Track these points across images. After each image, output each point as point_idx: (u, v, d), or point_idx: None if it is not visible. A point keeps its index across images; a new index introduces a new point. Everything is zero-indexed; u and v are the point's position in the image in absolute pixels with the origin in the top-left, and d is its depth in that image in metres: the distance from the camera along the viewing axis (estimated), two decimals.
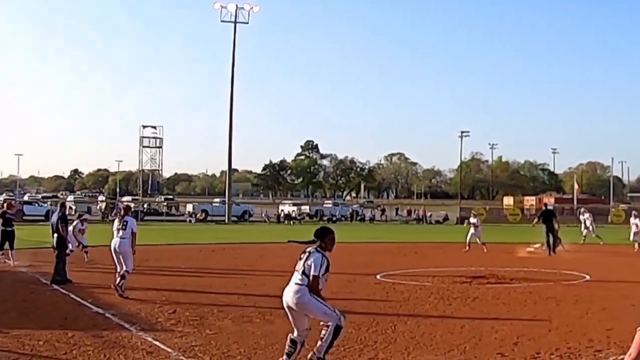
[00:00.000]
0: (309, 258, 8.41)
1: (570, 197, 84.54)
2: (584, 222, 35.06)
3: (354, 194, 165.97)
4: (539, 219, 28.80)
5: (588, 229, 34.71)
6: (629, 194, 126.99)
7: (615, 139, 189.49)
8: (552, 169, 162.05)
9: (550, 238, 27.76)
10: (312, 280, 8.28)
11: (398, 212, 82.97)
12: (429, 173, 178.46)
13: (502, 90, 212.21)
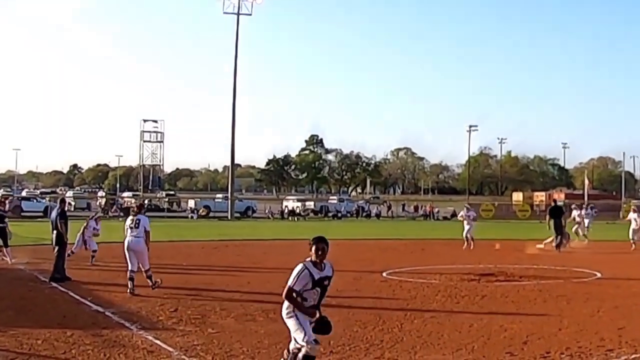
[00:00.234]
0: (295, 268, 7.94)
1: (581, 192, 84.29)
2: (574, 218, 34.32)
3: (360, 190, 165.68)
4: (548, 216, 28.67)
5: (579, 225, 33.89)
6: None
7: (627, 134, 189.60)
8: (562, 164, 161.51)
9: (557, 234, 27.68)
10: (285, 291, 7.81)
11: (405, 208, 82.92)
12: (437, 168, 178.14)
13: (511, 84, 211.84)
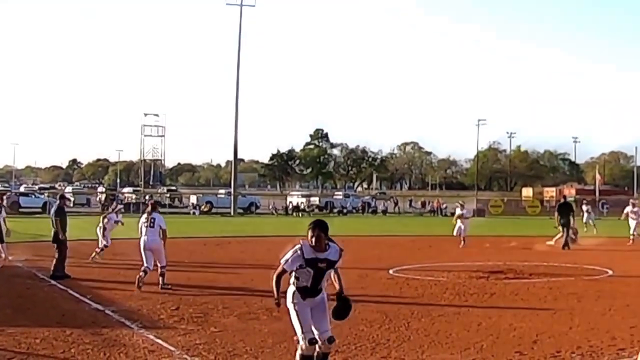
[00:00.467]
0: None
1: (592, 188, 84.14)
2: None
3: (366, 185, 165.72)
4: (557, 213, 28.61)
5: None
6: None
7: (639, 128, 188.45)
8: (573, 159, 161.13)
9: (565, 232, 27.63)
10: (277, 270, 8.04)
11: (412, 203, 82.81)
12: (444, 163, 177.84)
13: (521, 77, 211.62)
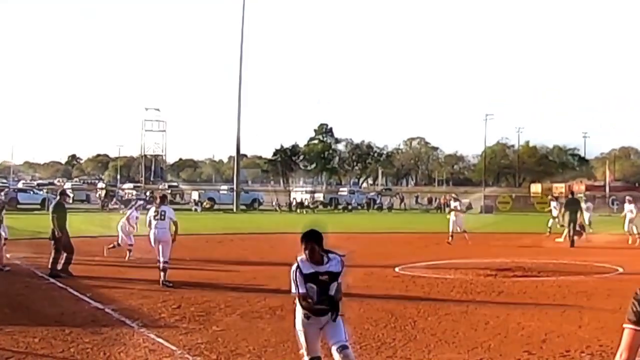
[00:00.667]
0: None
1: (602, 184, 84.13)
2: (552, 210, 34.00)
3: (371, 181, 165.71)
4: (564, 209, 28.61)
5: (555, 218, 33.54)
6: None
7: None
8: (582, 155, 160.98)
9: (572, 228, 27.62)
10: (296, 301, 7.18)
11: (418, 200, 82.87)
12: (451, 159, 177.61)
13: (529, 71, 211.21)
